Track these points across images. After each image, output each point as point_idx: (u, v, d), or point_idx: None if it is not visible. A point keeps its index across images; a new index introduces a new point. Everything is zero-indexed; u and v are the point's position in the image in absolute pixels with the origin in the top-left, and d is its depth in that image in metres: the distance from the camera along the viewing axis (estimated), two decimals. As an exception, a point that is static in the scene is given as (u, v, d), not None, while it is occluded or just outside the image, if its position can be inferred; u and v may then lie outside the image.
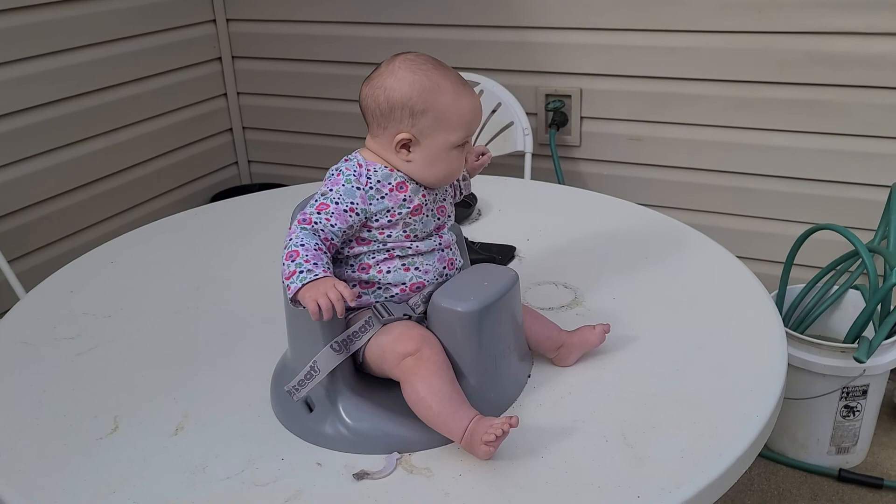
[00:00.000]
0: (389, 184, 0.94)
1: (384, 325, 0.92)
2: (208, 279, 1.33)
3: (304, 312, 0.88)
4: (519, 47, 2.26)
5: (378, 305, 0.92)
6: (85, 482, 0.87)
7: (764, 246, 2.14)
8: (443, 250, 0.97)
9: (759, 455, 0.93)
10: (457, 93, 0.93)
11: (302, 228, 0.90)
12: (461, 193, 1.07)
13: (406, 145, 0.93)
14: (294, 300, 0.87)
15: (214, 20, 2.61)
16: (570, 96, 2.24)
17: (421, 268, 0.95)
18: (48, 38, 2.10)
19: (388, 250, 0.93)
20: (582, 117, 2.25)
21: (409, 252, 0.94)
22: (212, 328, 1.18)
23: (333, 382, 0.91)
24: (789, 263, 1.94)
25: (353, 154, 0.97)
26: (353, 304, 0.88)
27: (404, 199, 0.94)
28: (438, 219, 0.97)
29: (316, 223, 0.90)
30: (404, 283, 0.94)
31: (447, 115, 0.93)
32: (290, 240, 0.90)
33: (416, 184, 0.95)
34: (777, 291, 1.97)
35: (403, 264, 0.94)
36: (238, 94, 2.72)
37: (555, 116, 2.26)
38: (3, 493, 0.87)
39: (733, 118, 2.08)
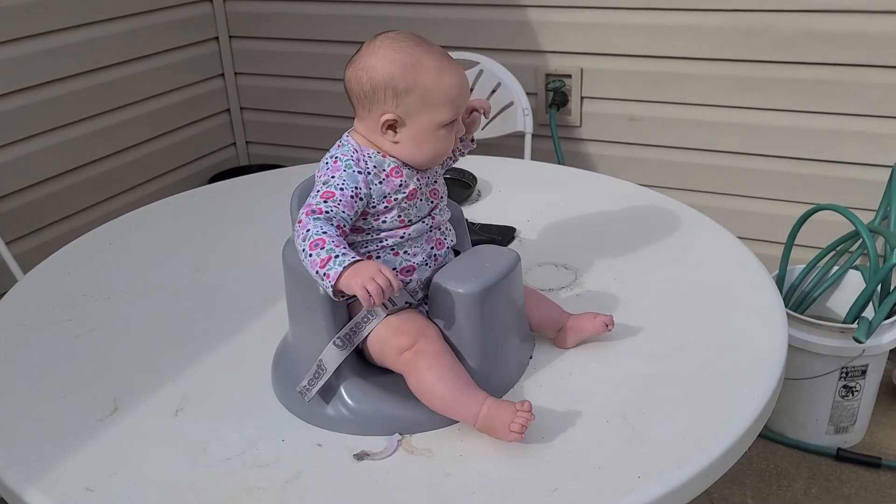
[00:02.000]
0: (384, 170, 0.92)
1: (388, 314, 0.91)
2: (207, 261, 1.32)
3: (304, 291, 0.87)
4: (519, 27, 2.24)
5: None
6: (85, 463, 0.87)
7: (764, 226, 2.13)
8: (430, 231, 0.96)
9: (758, 435, 0.93)
10: (441, 69, 0.91)
11: (315, 218, 0.87)
12: (460, 154, 1.05)
13: (392, 126, 0.91)
14: (335, 289, 0.83)
15: (211, -1, 2.59)
16: (570, 76, 2.22)
17: (409, 251, 0.94)
18: (44, 17, 2.08)
19: (380, 240, 0.92)
20: (582, 97, 2.24)
21: (401, 240, 0.93)
22: (211, 309, 1.17)
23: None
24: (790, 244, 1.94)
25: (346, 138, 0.95)
26: (397, 293, 0.85)
27: (400, 185, 0.92)
28: (431, 202, 0.97)
29: (327, 212, 0.87)
30: (395, 268, 0.93)
31: (432, 92, 0.90)
32: (308, 230, 0.85)
33: (410, 168, 0.94)
34: (777, 272, 1.97)
35: (393, 250, 0.93)
36: (235, 74, 2.70)
37: (555, 96, 2.24)
38: (3, 474, 0.87)
39: (734, 98, 2.07)
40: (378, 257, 0.93)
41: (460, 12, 2.30)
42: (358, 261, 0.84)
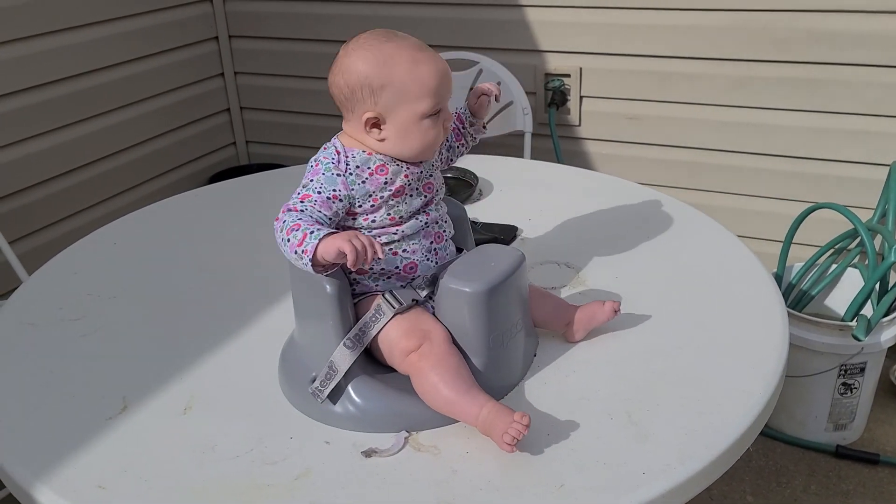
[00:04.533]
0: (369, 168, 0.93)
1: (396, 314, 0.92)
2: (212, 260, 1.33)
3: (310, 290, 0.88)
4: (518, 26, 2.25)
5: (387, 295, 0.92)
6: (96, 461, 0.88)
7: (763, 225, 2.15)
8: (427, 226, 0.96)
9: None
10: (414, 60, 0.91)
11: (286, 213, 0.89)
12: (473, 141, 1.06)
13: (375, 124, 0.92)
14: (315, 261, 0.85)
15: (211, -1, 2.59)
16: (569, 75, 2.23)
17: (408, 248, 0.95)
18: (44, 18, 2.08)
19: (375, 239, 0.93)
20: (581, 96, 2.25)
21: (395, 238, 0.94)
22: (217, 308, 1.18)
23: (343, 362, 0.92)
24: (788, 242, 1.95)
25: (332, 141, 0.96)
26: (381, 255, 0.87)
27: (385, 182, 0.93)
28: (425, 196, 0.97)
29: (302, 210, 0.89)
30: (397, 266, 0.94)
31: (407, 85, 0.90)
32: (284, 222, 0.88)
33: (398, 164, 0.94)
34: (776, 270, 1.98)
35: (391, 249, 0.94)
36: (235, 73, 2.71)
37: (554, 96, 2.26)
38: (14, 472, 0.88)
39: (733, 97, 2.08)
40: (377, 259, 0.93)
41: (460, 12, 2.30)
42: (333, 233, 0.85)
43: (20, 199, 2.10)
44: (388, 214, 0.93)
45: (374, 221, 0.93)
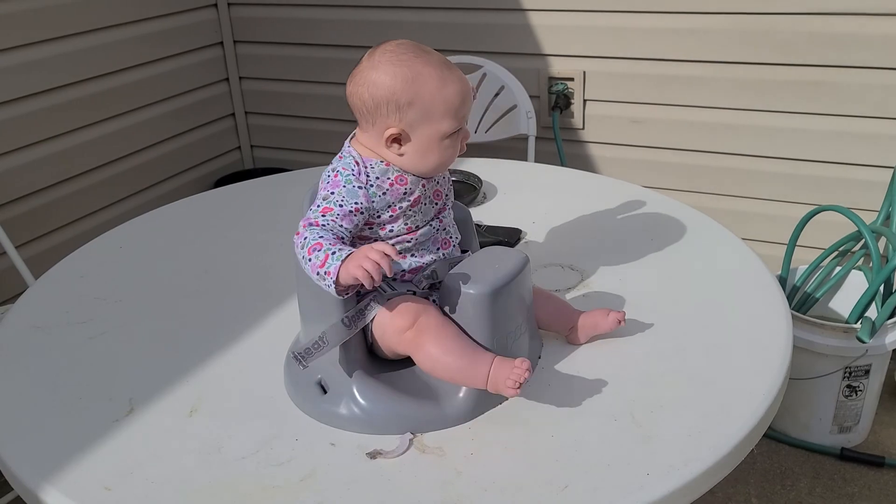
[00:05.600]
0: (388, 178, 0.92)
1: (388, 300, 0.92)
2: (217, 263, 1.34)
3: (315, 292, 0.89)
4: (521, 30, 2.25)
5: (382, 283, 0.92)
6: (103, 463, 0.89)
7: (767, 227, 2.15)
8: (437, 232, 0.97)
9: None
10: (442, 80, 0.90)
11: (309, 229, 0.88)
12: None
13: (397, 140, 0.92)
14: (338, 284, 0.85)
15: (216, 4, 2.60)
16: (572, 79, 2.24)
17: (417, 254, 0.96)
18: (50, 24, 2.09)
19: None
20: (585, 100, 2.26)
21: (408, 245, 0.95)
22: (223, 311, 1.19)
23: (348, 363, 0.92)
24: (792, 245, 1.95)
25: (347, 149, 0.95)
26: (396, 258, 0.87)
27: (405, 193, 0.93)
28: (436, 204, 0.97)
29: (324, 225, 0.89)
30: (403, 270, 0.95)
31: (434, 104, 0.90)
32: (305, 238, 0.87)
33: (415, 175, 0.94)
34: (780, 273, 1.98)
35: (400, 254, 0.95)
36: (240, 78, 2.72)
37: (558, 99, 2.26)
38: (21, 474, 0.88)
39: (737, 100, 2.08)
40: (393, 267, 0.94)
41: (463, 16, 2.31)
42: (353, 252, 0.85)
43: (27, 204, 2.12)
44: (406, 224, 0.94)
45: (391, 231, 0.93)
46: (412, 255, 0.95)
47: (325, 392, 0.94)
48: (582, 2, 2.15)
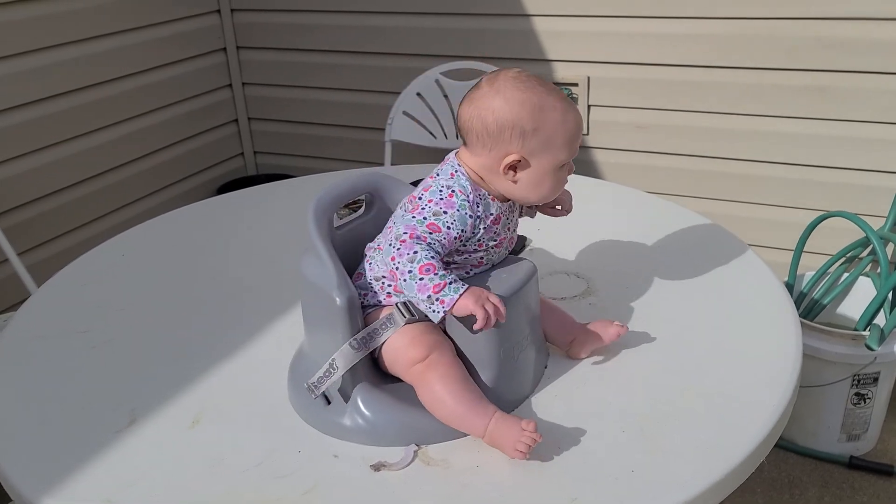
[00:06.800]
0: (491, 214, 0.93)
1: (406, 323, 0.91)
2: (221, 271, 1.33)
3: (320, 301, 0.88)
4: (525, 36, 2.25)
5: (400, 305, 0.92)
6: (104, 475, 0.88)
7: (774, 233, 2.13)
8: (482, 275, 0.97)
9: (773, 444, 0.93)
10: (565, 111, 0.92)
11: (418, 243, 0.88)
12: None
13: (514, 166, 0.92)
14: (447, 313, 0.86)
15: (219, 10, 2.60)
16: (577, 84, 2.23)
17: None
18: (53, 30, 2.09)
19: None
20: (589, 105, 2.25)
21: (465, 276, 0.94)
22: (226, 320, 1.18)
23: (352, 375, 0.91)
24: (799, 251, 1.94)
25: (455, 164, 0.94)
26: (503, 320, 0.88)
27: (495, 232, 0.94)
28: (507, 248, 0.98)
29: (430, 244, 0.88)
30: None
31: (556, 134, 0.91)
32: (416, 253, 0.87)
33: (507, 217, 0.95)
34: (787, 279, 1.97)
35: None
36: (243, 84, 2.72)
37: (562, 105, 2.25)
38: (21, 486, 0.87)
39: (742, 105, 2.07)
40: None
41: (467, 22, 2.30)
42: (469, 288, 0.87)
43: (29, 211, 2.11)
44: (480, 258, 0.94)
45: (466, 259, 0.94)
46: None
47: (329, 403, 0.92)
48: (586, 7, 2.15)
